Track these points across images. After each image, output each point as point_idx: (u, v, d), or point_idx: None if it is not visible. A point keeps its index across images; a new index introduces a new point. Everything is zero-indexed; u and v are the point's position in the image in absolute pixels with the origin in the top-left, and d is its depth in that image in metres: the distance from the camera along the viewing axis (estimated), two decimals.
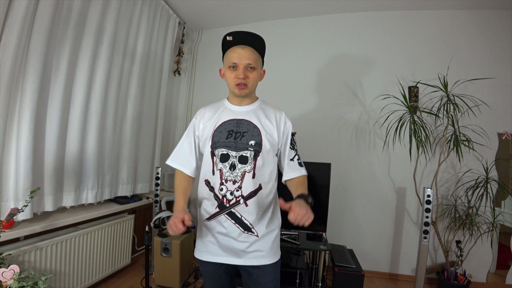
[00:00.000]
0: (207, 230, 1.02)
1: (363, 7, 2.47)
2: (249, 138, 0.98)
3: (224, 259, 1.00)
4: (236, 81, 0.99)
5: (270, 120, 1.04)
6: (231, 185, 0.96)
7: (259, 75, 1.05)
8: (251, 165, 0.97)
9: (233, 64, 0.99)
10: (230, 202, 0.97)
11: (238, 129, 1.00)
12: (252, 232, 0.98)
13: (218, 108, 1.09)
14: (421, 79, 2.26)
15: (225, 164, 0.97)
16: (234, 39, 1.00)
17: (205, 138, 1.03)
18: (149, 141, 2.50)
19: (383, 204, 2.42)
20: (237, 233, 0.97)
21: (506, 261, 2.19)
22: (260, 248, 0.98)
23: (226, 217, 0.97)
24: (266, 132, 1.00)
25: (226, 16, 2.77)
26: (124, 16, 2.05)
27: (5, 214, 1.32)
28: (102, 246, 1.88)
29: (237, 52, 0.98)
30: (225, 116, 1.04)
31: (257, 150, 0.98)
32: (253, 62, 0.99)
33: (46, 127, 1.58)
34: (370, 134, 2.46)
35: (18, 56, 1.36)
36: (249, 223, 0.97)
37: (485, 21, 2.27)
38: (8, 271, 0.98)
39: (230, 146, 0.98)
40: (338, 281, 1.88)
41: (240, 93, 1.01)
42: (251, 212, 0.97)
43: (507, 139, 2.17)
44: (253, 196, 0.97)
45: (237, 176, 0.96)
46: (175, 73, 2.99)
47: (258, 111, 1.06)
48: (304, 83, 2.63)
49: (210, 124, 1.04)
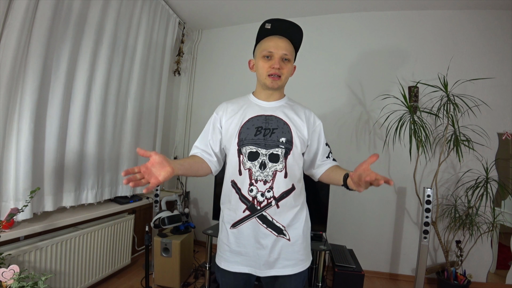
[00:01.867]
0: (234, 238, 0.93)
1: (362, 7, 2.47)
2: (280, 135, 0.92)
3: (253, 270, 0.92)
4: (270, 71, 0.92)
5: (300, 117, 0.98)
6: (261, 185, 0.89)
7: (292, 69, 0.99)
8: (282, 163, 0.90)
9: (268, 54, 0.92)
10: (261, 204, 0.89)
11: (267, 126, 0.93)
12: (284, 235, 0.91)
13: (243, 103, 1.01)
14: (421, 79, 2.26)
15: (254, 163, 0.90)
16: (272, 28, 0.93)
17: (230, 135, 0.95)
18: (149, 141, 2.50)
19: (383, 204, 2.42)
20: (268, 239, 0.90)
21: (506, 261, 2.19)
22: (294, 255, 0.92)
23: (258, 221, 0.90)
24: (296, 129, 0.94)
25: (226, 16, 2.77)
26: (124, 16, 2.05)
27: (5, 214, 1.33)
28: (102, 246, 1.88)
29: (274, 41, 0.92)
30: (252, 112, 0.96)
31: (288, 148, 0.92)
32: (289, 54, 0.93)
33: (46, 127, 1.58)
34: (370, 134, 2.46)
35: (18, 56, 1.36)
36: (281, 225, 0.91)
37: (485, 21, 2.27)
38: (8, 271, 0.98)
39: (260, 143, 0.91)
40: (338, 281, 1.88)
41: (272, 84, 0.94)
42: (283, 214, 0.91)
43: (507, 139, 2.17)
44: (285, 197, 0.91)
45: (268, 175, 0.89)
46: (175, 73, 2.99)
47: (286, 107, 0.99)
48: (303, 83, 2.63)
49: (235, 120, 0.97)
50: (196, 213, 2.99)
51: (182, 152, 3.08)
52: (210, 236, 1.88)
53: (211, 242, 1.91)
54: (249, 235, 0.91)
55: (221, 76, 2.96)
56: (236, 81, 2.86)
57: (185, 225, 2.14)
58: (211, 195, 2.17)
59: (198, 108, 3.06)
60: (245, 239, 0.92)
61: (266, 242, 0.90)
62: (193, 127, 3.07)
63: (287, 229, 0.92)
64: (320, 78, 2.61)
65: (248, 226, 0.91)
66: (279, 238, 0.91)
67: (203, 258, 2.50)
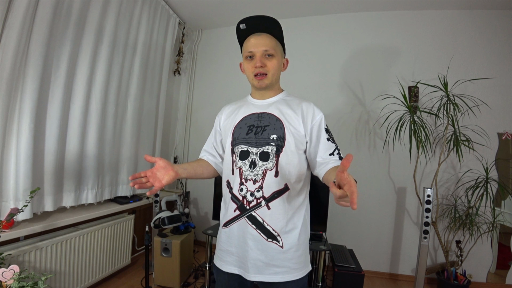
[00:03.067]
0: (226, 237, 0.93)
1: (362, 7, 2.47)
2: (271, 132, 0.88)
3: (243, 272, 0.89)
4: (254, 71, 0.90)
5: (295, 111, 0.91)
6: (251, 184, 0.86)
7: (280, 64, 0.94)
8: (273, 161, 0.86)
9: (249, 54, 0.90)
10: (250, 204, 0.86)
11: (259, 123, 0.90)
12: (277, 241, 0.86)
13: (241, 103, 1.01)
14: (421, 79, 2.25)
15: (244, 162, 0.88)
16: (248, 27, 0.91)
17: (226, 135, 0.96)
18: (149, 141, 2.50)
19: (383, 204, 2.42)
20: (257, 242, 0.86)
21: (506, 261, 2.19)
22: (285, 263, 0.86)
23: (247, 222, 0.87)
24: (289, 124, 0.89)
25: (226, 16, 2.77)
26: (124, 16, 2.05)
27: (5, 214, 1.33)
28: (102, 246, 1.88)
29: (252, 40, 0.90)
30: (246, 111, 0.95)
31: (279, 145, 0.86)
32: (271, 49, 0.89)
33: (46, 127, 1.58)
34: (370, 134, 2.46)
35: (18, 56, 1.36)
36: (272, 230, 0.85)
37: (485, 21, 2.27)
38: (8, 271, 0.98)
39: (251, 142, 0.89)
40: (338, 281, 1.88)
41: (259, 84, 0.91)
42: (275, 217, 0.85)
43: (507, 139, 2.17)
44: (276, 197, 0.85)
45: (258, 174, 0.86)
46: (175, 73, 2.99)
47: (281, 103, 0.94)
48: (303, 83, 2.63)
49: (230, 120, 0.97)
50: (196, 213, 2.99)
51: (182, 152, 3.08)
52: (210, 236, 1.88)
53: (211, 242, 1.92)
54: (238, 235, 0.90)
55: (221, 76, 2.96)
56: (236, 81, 2.85)
57: (185, 225, 2.14)
58: (211, 195, 2.17)
59: (198, 108, 3.06)
60: (235, 238, 0.91)
61: (255, 244, 0.86)
62: (193, 127, 3.07)
63: (281, 236, 0.86)
64: (320, 78, 2.61)
65: (237, 226, 0.90)
66: (270, 243, 0.86)
67: (203, 258, 2.50)
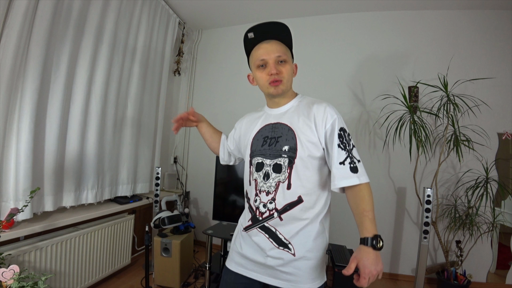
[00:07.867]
0: (241, 239, 0.96)
1: (362, 7, 2.47)
2: (283, 144, 0.86)
3: (253, 274, 0.90)
4: (269, 79, 0.88)
5: (308, 116, 0.87)
6: (264, 196, 0.87)
7: (292, 69, 0.93)
8: (285, 174, 0.84)
9: (262, 62, 0.88)
10: (263, 215, 0.87)
11: (273, 134, 0.90)
12: (289, 249, 0.84)
13: (258, 114, 1.01)
14: (421, 79, 2.26)
15: (259, 174, 0.89)
16: (256, 35, 0.89)
17: (245, 146, 0.97)
18: (149, 141, 2.50)
19: (383, 204, 2.42)
20: (270, 247, 0.86)
21: (506, 261, 2.19)
22: (296, 271, 0.84)
23: (259, 231, 0.88)
24: (301, 132, 0.85)
25: (226, 16, 2.77)
26: (124, 16, 2.05)
27: (5, 214, 1.32)
28: (102, 246, 1.88)
29: (263, 48, 0.88)
30: (263, 121, 0.95)
31: (291, 157, 0.84)
32: (283, 54, 0.87)
33: (46, 127, 1.58)
34: (370, 134, 2.46)
35: (18, 56, 1.36)
36: (284, 238, 0.85)
37: (485, 21, 2.27)
38: (8, 271, 0.98)
39: (265, 153, 0.89)
40: (338, 281, 1.88)
41: (276, 91, 0.89)
42: (288, 227, 0.85)
43: (507, 139, 2.17)
44: (289, 209, 0.84)
45: (271, 186, 0.86)
46: (175, 73, 2.99)
47: (294, 110, 0.92)
48: (303, 83, 2.62)
49: (249, 132, 0.97)
50: (196, 213, 2.99)
51: (182, 152, 3.08)
52: (210, 236, 1.88)
53: (211, 242, 1.92)
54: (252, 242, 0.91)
55: (221, 76, 2.96)
56: (236, 81, 2.86)
57: (185, 225, 2.14)
58: (211, 195, 2.16)
59: (198, 108, 3.05)
60: (249, 244, 0.93)
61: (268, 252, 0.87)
62: (193, 127, 3.06)
63: (292, 243, 0.84)
64: (320, 78, 2.61)
65: (252, 233, 0.91)
66: (282, 251, 0.85)
67: (203, 258, 2.50)
